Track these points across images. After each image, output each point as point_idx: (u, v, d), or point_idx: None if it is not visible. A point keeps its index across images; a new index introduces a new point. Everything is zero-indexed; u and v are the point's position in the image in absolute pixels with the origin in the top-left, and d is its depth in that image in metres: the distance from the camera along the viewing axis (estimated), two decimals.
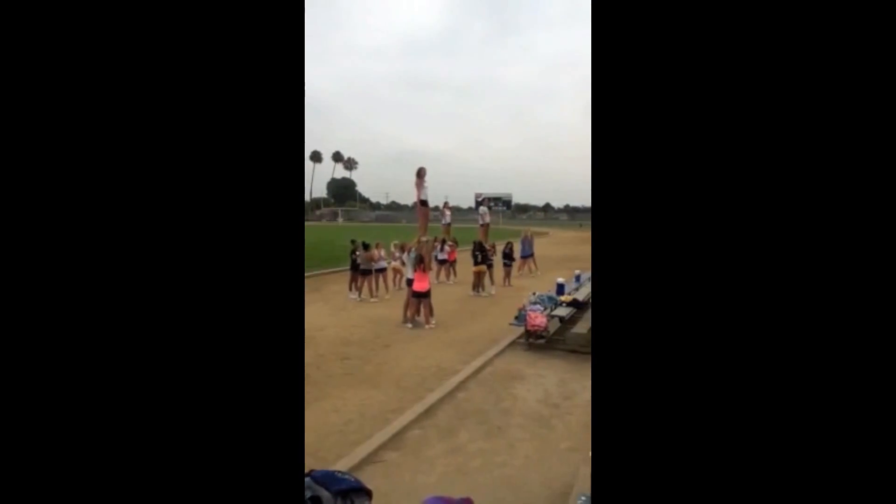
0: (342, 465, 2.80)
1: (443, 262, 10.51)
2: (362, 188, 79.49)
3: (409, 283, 6.63)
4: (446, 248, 10.41)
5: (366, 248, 8.37)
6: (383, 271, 8.84)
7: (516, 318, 5.92)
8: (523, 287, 9.03)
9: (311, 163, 70.23)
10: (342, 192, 73.85)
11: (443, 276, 10.57)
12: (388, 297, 8.57)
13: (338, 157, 75.89)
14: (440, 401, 3.91)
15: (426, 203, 7.37)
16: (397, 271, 9.28)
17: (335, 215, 57.96)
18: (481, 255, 9.22)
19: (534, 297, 6.05)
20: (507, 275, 10.36)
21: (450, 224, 10.62)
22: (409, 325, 6.46)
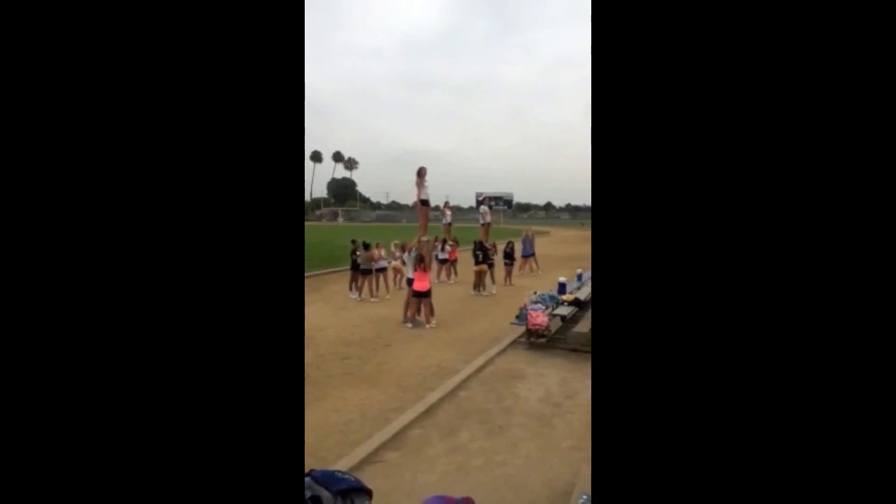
0: (342, 464, 2.80)
1: (444, 262, 10.52)
2: (363, 188, 79.65)
3: (410, 282, 6.63)
4: (447, 247, 10.41)
5: (366, 247, 8.37)
6: (384, 271, 8.84)
7: (517, 317, 5.92)
8: (524, 286, 9.02)
9: (312, 163, 70.41)
10: (342, 191, 73.90)
11: (444, 276, 10.57)
12: (388, 296, 8.57)
13: (338, 156, 75.95)
14: (441, 400, 3.91)
15: (427, 203, 7.38)
16: (398, 271, 9.28)
17: (335, 215, 58.01)
18: (482, 255, 9.22)
19: (535, 297, 6.05)
20: (509, 274, 10.36)
21: (450, 224, 10.61)
22: (410, 325, 6.46)
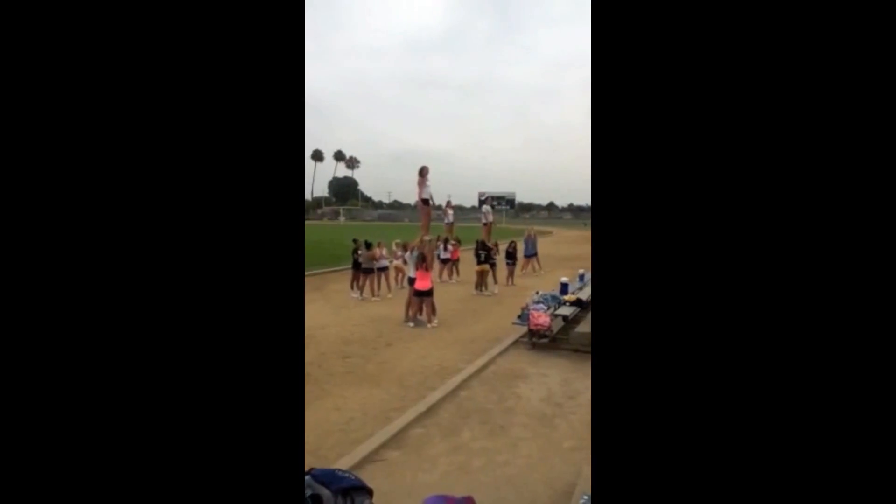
0: (343, 463, 2.80)
1: (446, 261, 10.52)
2: (364, 187, 79.62)
3: (412, 281, 6.63)
4: (449, 246, 10.41)
5: (368, 246, 8.38)
6: (385, 270, 8.84)
7: (519, 317, 5.91)
8: (526, 286, 9.01)
9: (313, 162, 70.46)
10: (344, 190, 73.92)
11: (445, 275, 10.57)
12: (389, 295, 8.58)
13: (340, 155, 75.99)
14: (442, 399, 3.91)
15: (428, 202, 7.38)
16: (399, 270, 9.28)
17: (336, 214, 58.07)
18: (484, 255, 9.22)
19: (537, 297, 6.04)
20: (511, 274, 10.35)
21: (452, 223, 10.61)
22: (411, 324, 6.47)
